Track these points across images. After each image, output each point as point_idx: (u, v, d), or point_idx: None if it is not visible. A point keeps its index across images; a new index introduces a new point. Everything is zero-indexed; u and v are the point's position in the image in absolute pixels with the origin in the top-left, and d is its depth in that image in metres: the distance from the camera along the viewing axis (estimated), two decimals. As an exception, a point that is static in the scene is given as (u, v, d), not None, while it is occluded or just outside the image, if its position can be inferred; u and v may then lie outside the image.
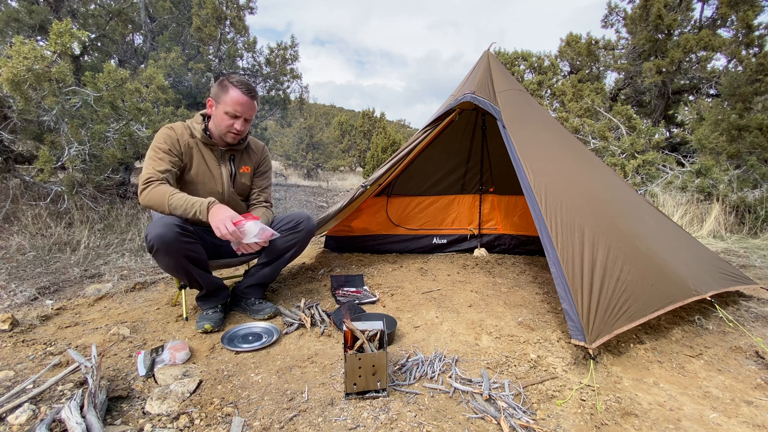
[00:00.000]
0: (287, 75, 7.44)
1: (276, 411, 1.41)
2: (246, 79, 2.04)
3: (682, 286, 2.10)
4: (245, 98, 1.97)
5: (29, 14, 4.38)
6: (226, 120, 1.99)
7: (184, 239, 1.86)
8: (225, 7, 6.39)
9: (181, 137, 2.03)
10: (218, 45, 6.47)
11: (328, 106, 39.72)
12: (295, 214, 2.34)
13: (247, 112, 2.01)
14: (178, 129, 2.04)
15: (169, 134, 2.00)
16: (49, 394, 1.45)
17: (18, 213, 3.61)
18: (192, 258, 1.93)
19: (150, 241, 1.81)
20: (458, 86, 3.10)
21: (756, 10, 6.67)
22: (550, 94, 9.27)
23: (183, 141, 2.03)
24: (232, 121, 2.00)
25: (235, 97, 1.96)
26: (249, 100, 1.99)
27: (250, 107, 2.01)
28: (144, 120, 3.77)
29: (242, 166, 2.21)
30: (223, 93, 1.97)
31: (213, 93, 2.02)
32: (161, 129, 2.03)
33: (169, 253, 1.84)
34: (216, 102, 2.01)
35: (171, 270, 1.97)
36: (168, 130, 2.02)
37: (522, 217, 3.67)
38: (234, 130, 2.01)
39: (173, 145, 1.99)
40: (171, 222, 1.83)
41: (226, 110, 1.97)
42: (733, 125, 5.79)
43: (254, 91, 2.03)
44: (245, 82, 2.01)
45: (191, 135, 2.06)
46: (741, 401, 1.56)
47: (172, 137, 2.00)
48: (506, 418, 1.38)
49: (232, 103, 1.96)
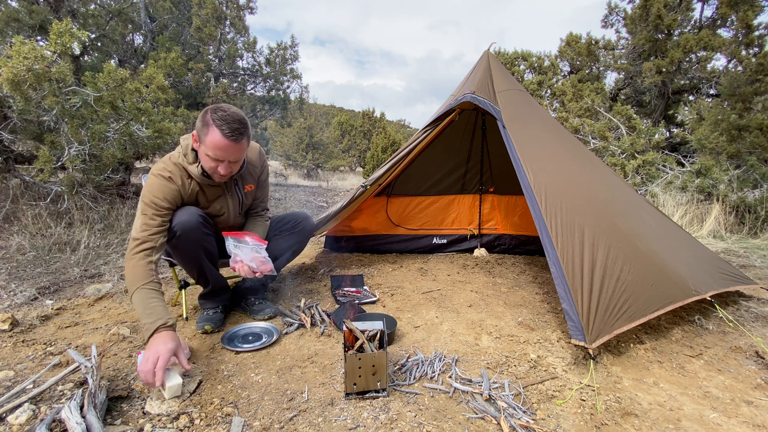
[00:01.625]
0: (287, 75, 7.44)
1: (276, 411, 1.41)
2: (233, 115, 1.69)
3: (682, 286, 2.10)
4: (226, 142, 1.67)
5: (29, 14, 4.38)
6: (209, 162, 1.74)
7: (204, 230, 1.87)
8: (225, 7, 6.39)
9: (182, 187, 1.83)
10: (218, 45, 6.47)
11: (328, 106, 39.73)
12: (294, 214, 2.34)
13: (230, 155, 1.73)
14: (176, 178, 1.81)
15: (169, 188, 1.79)
16: (49, 394, 1.45)
17: (18, 213, 3.61)
18: (207, 251, 1.94)
19: (174, 227, 1.78)
20: (458, 86, 3.10)
21: (756, 10, 6.67)
22: (550, 94, 9.27)
23: (185, 190, 1.84)
24: (216, 164, 1.74)
25: (215, 140, 1.67)
26: (231, 144, 1.69)
27: (235, 150, 1.72)
28: (144, 120, 3.76)
29: (246, 186, 2.07)
30: (204, 133, 1.69)
31: (197, 127, 1.75)
32: (158, 178, 1.78)
33: (189, 241, 1.83)
34: (199, 140, 1.74)
35: (185, 260, 1.94)
36: (166, 182, 1.79)
37: (522, 217, 3.67)
38: (218, 174, 1.77)
39: (174, 199, 1.80)
40: (195, 211, 1.83)
41: (208, 153, 1.71)
42: (733, 125, 5.79)
43: (240, 131, 1.70)
44: (230, 119, 1.67)
45: (188, 177, 1.85)
46: (741, 401, 1.56)
47: (173, 191, 1.80)
48: (506, 418, 1.38)
49: (213, 147, 1.68)
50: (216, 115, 1.68)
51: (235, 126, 1.68)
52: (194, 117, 5.24)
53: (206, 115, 1.71)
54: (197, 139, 1.76)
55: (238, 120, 1.69)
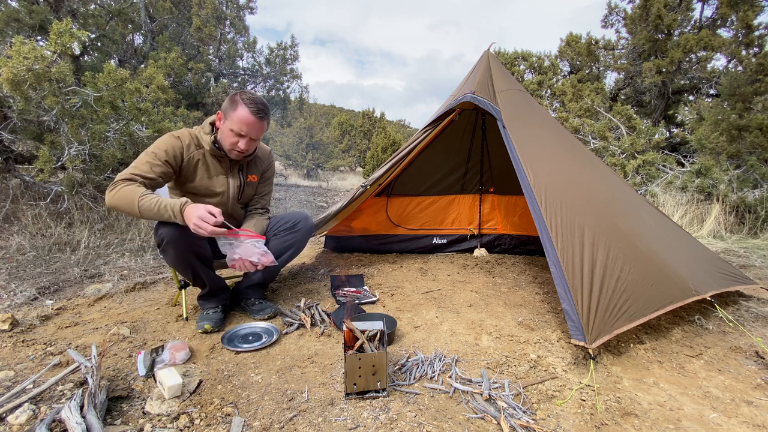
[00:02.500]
0: (287, 75, 7.44)
1: (276, 411, 1.41)
2: (259, 98, 1.93)
3: (682, 286, 2.10)
4: (253, 118, 1.88)
5: (29, 14, 4.38)
6: (231, 137, 1.91)
7: (193, 235, 1.86)
8: (225, 7, 6.40)
9: (186, 149, 1.94)
10: (218, 45, 6.47)
11: (328, 106, 39.72)
12: (293, 214, 2.34)
13: (253, 132, 1.91)
14: (185, 138, 1.95)
15: (173, 144, 1.91)
16: (49, 394, 1.45)
17: (18, 213, 3.61)
18: (199, 255, 1.94)
19: (160, 234, 1.80)
20: (458, 86, 3.10)
21: (756, 10, 6.67)
22: (550, 94, 9.27)
23: (188, 153, 1.95)
24: (237, 140, 1.91)
25: (242, 116, 1.86)
26: (257, 121, 1.89)
27: (258, 128, 1.92)
28: (144, 120, 3.77)
29: (249, 176, 2.16)
30: (232, 110, 1.88)
31: (223, 107, 1.94)
32: (166, 135, 1.94)
33: (177, 248, 1.84)
34: (225, 117, 1.93)
35: (177, 266, 1.96)
36: (174, 139, 1.92)
37: (522, 217, 3.67)
38: (238, 148, 1.93)
39: (175, 156, 1.90)
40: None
41: (232, 128, 1.89)
42: (733, 125, 5.78)
43: (264, 112, 1.92)
44: (257, 101, 1.91)
45: (198, 145, 1.98)
46: (741, 401, 1.56)
47: (176, 147, 1.91)
48: (506, 418, 1.38)
49: (239, 121, 1.87)
50: (245, 95, 1.91)
51: (261, 106, 1.91)
52: (194, 117, 5.24)
53: (235, 96, 1.92)
54: (222, 117, 1.94)
55: (263, 102, 1.94)
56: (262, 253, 1.92)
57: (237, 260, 1.89)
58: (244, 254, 1.89)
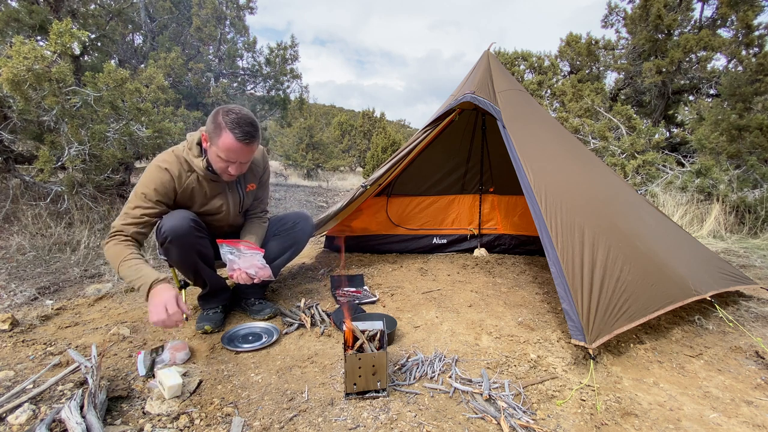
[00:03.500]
0: (287, 75, 7.43)
1: (276, 411, 1.41)
2: (245, 118, 1.73)
3: (682, 286, 2.10)
4: (239, 145, 1.72)
5: (29, 14, 4.38)
6: (220, 163, 1.79)
7: (197, 234, 1.86)
8: (225, 7, 6.39)
9: (178, 180, 1.83)
10: (218, 45, 6.48)
11: (328, 106, 39.75)
12: (294, 214, 2.34)
13: (242, 157, 1.78)
14: (173, 169, 1.81)
15: (162, 180, 1.79)
16: (49, 394, 1.45)
17: (18, 213, 3.61)
18: (201, 254, 1.93)
19: (164, 232, 1.79)
20: (458, 86, 3.10)
21: (756, 10, 6.67)
22: (550, 94, 9.27)
23: (180, 184, 1.84)
24: (226, 165, 1.79)
25: (228, 144, 1.71)
26: (243, 147, 1.73)
27: (246, 152, 1.77)
28: (144, 120, 3.76)
29: (248, 186, 2.10)
30: (217, 135, 1.72)
31: (207, 128, 1.78)
32: (154, 168, 1.80)
33: (181, 246, 1.83)
34: (210, 141, 1.78)
35: (180, 264, 1.95)
36: (162, 173, 1.79)
37: (522, 217, 3.66)
38: (228, 173, 1.82)
39: (166, 194, 1.81)
40: (186, 215, 1.83)
41: (219, 155, 1.75)
42: (733, 125, 5.78)
43: (251, 134, 1.74)
44: (242, 122, 1.71)
45: (189, 170, 1.86)
46: (741, 401, 1.56)
47: (165, 183, 1.80)
48: (506, 418, 1.38)
49: (225, 149, 1.72)
50: (228, 117, 1.71)
51: (247, 129, 1.72)
52: (194, 117, 5.24)
53: (218, 116, 1.73)
54: (207, 139, 1.79)
55: (249, 123, 1.73)
56: (260, 266, 1.91)
57: (236, 270, 1.87)
58: (243, 266, 1.88)
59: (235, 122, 1.70)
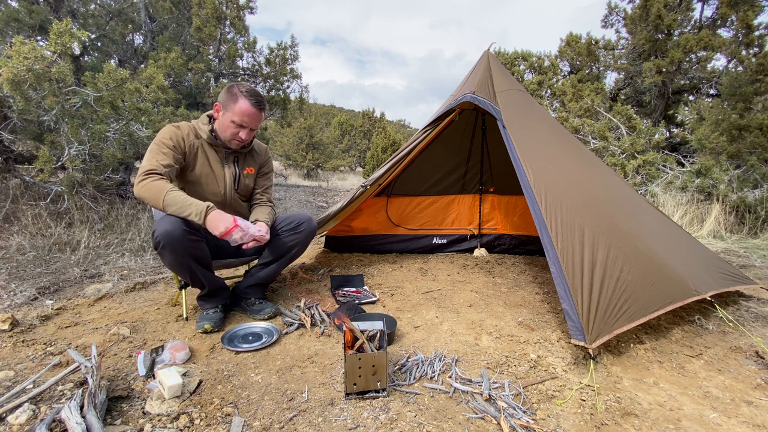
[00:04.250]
0: (287, 75, 7.42)
1: (276, 411, 1.41)
2: (256, 89, 2.02)
3: (682, 286, 2.10)
4: (253, 110, 1.97)
5: (29, 14, 4.38)
6: (232, 128, 2.00)
7: (190, 237, 1.87)
8: (225, 7, 6.39)
9: (186, 137, 2.02)
10: (218, 45, 6.47)
11: (328, 106, 39.77)
12: (296, 215, 2.34)
13: (254, 122, 2.01)
14: (183, 128, 2.04)
15: (174, 132, 2.00)
16: (49, 394, 1.45)
17: (18, 213, 3.61)
18: (196, 256, 1.94)
19: (156, 237, 1.82)
20: (458, 86, 3.10)
21: (756, 10, 6.66)
22: (550, 94, 9.27)
23: (188, 140, 2.03)
24: (238, 130, 2.00)
25: (243, 107, 1.95)
26: (257, 112, 1.99)
27: (257, 118, 2.02)
28: (144, 120, 3.76)
29: (246, 168, 2.21)
30: (232, 102, 1.96)
31: (221, 99, 2.01)
32: (166, 126, 2.02)
33: (174, 251, 1.84)
34: (223, 108, 2.00)
35: (175, 267, 1.97)
36: (174, 128, 2.02)
37: (522, 217, 3.66)
38: (238, 138, 2.02)
39: (178, 142, 1.99)
40: (178, 220, 1.84)
41: (233, 119, 1.97)
42: (733, 125, 5.78)
43: (263, 103, 2.02)
44: (255, 92, 1.99)
45: (196, 135, 2.07)
46: (741, 401, 1.56)
47: (177, 135, 2.00)
48: (506, 418, 1.38)
49: (240, 113, 1.96)
50: (242, 87, 1.99)
51: (259, 98, 2.00)
52: (194, 117, 5.23)
53: (232, 88, 1.99)
54: (220, 108, 2.01)
55: (260, 93, 2.04)
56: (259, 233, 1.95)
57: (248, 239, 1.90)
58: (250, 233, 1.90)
59: (249, 92, 1.98)
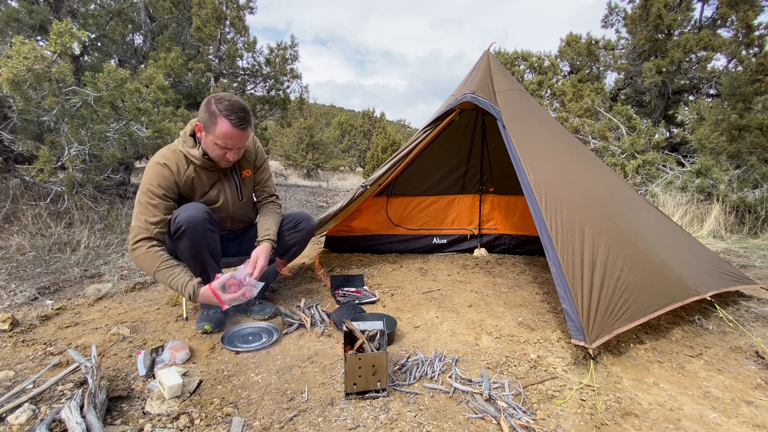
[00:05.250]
0: (287, 75, 7.42)
1: (276, 411, 1.41)
2: (237, 103, 1.78)
3: (682, 286, 2.10)
4: (236, 131, 1.78)
5: (29, 14, 4.38)
6: (217, 150, 1.83)
7: (209, 227, 1.88)
8: (225, 7, 6.39)
9: (177, 173, 1.87)
10: (218, 45, 6.47)
11: (328, 106, 39.79)
12: (295, 214, 2.34)
13: (239, 143, 1.84)
14: (172, 163, 1.86)
15: (162, 175, 1.83)
16: (49, 394, 1.45)
17: (18, 213, 3.61)
18: (211, 248, 1.94)
19: (179, 222, 1.80)
20: (458, 86, 3.10)
21: (756, 10, 6.66)
22: (550, 94, 9.26)
23: (180, 176, 1.88)
24: (224, 152, 1.84)
25: (224, 130, 1.76)
26: (240, 132, 1.79)
27: (243, 137, 1.83)
28: (144, 120, 3.76)
29: (243, 172, 2.13)
30: (212, 124, 1.77)
31: (201, 118, 1.82)
32: (153, 166, 1.85)
33: (194, 236, 1.84)
34: (205, 129, 1.82)
35: (189, 255, 1.92)
36: (162, 168, 1.84)
37: (522, 217, 3.66)
38: (226, 159, 1.88)
39: (168, 186, 1.84)
40: (201, 207, 1.86)
41: (216, 142, 1.80)
42: (733, 125, 5.78)
43: (246, 119, 1.80)
44: (236, 108, 1.77)
45: (187, 161, 1.90)
46: (741, 401, 1.56)
47: (168, 178, 1.84)
48: (506, 418, 1.38)
49: (222, 136, 1.78)
50: (221, 105, 1.76)
51: (241, 115, 1.78)
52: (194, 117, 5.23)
53: (210, 105, 1.78)
54: (202, 128, 1.84)
55: (242, 108, 1.79)
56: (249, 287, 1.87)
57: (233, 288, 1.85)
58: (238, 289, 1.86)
59: (229, 109, 1.75)
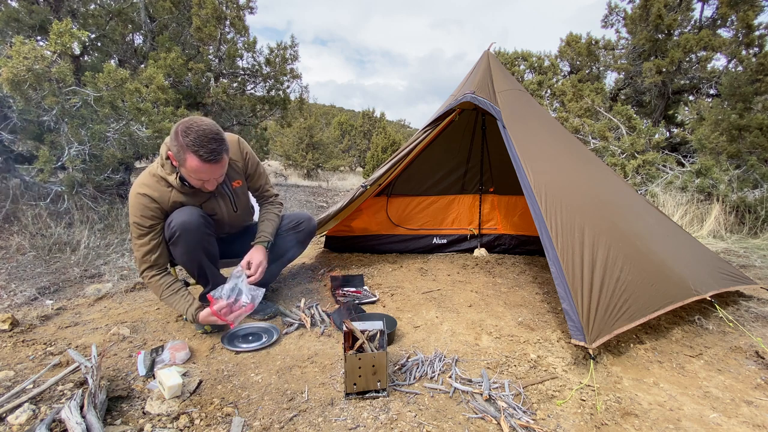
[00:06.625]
0: (287, 75, 7.42)
1: (276, 411, 1.41)
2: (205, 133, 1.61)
3: (682, 286, 2.10)
4: (206, 166, 1.64)
5: (29, 14, 4.38)
6: (194, 181, 1.75)
7: (205, 230, 1.87)
8: (225, 7, 6.39)
9: (160, 199, 1.79)
10: (218, 45, 6.47)
11: (328, 106, 39.80)
12: (296, 214, 2.34)
13: (215, 174, 1.72)
14: (153, 191, 1.78)
15: (145, 205, 1.77)
16: (49, 394, 1.45)
17: (18, 213, 3.61)
18: (207, 251, 1.94)
19: (173, 227, 1.79)
20: (458, 86, 3.10)
21: (756, 10, 6.66)
22: (550, 94, 9.27)
23: (164, 200, 1.81)
24: (201, 183, 1.75)
25: (194, 166, 1.64)
26: (211, 166, 1.66)
27: (216, 169, 1.70)
28: (144, 120, 3.76)
29: (233, 183, 2.02)
30: (182, 158, 1.65)
31: (172, 149, 1.68)
32: (134, 197, 1.78)
33: (189, 242, 1.83)
34: (177, 162, 1.69)
35: (185, 260, 1.92)
36: (142, 198, 1.77)
37: (522, 217, 3.66)
38: (206, 189, 1.80)
39: (154, 216, 1.80)
40: (195, 211, 1.84)
41: (190, 176, 1.71)
42: (733, 125, 5.78)
43: (216, 152, 1.64)
44: (204, 140, 1.61)
45: (168, 185, 1.81)
46: (741, 401, 1.56)
47: (150, 208, 1.78)
48: (506, 418, 1.38)
49: (194, 171, 1.67)
50: (188, 138, 1.60)
51: (211, 147, 1.62)
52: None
53: (178, 137, 1.63)
54: (175, 159, 1.70)
55: (212, 138, 1.63)
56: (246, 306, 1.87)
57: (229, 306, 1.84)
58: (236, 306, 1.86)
59: (197, 142, 1.60)
